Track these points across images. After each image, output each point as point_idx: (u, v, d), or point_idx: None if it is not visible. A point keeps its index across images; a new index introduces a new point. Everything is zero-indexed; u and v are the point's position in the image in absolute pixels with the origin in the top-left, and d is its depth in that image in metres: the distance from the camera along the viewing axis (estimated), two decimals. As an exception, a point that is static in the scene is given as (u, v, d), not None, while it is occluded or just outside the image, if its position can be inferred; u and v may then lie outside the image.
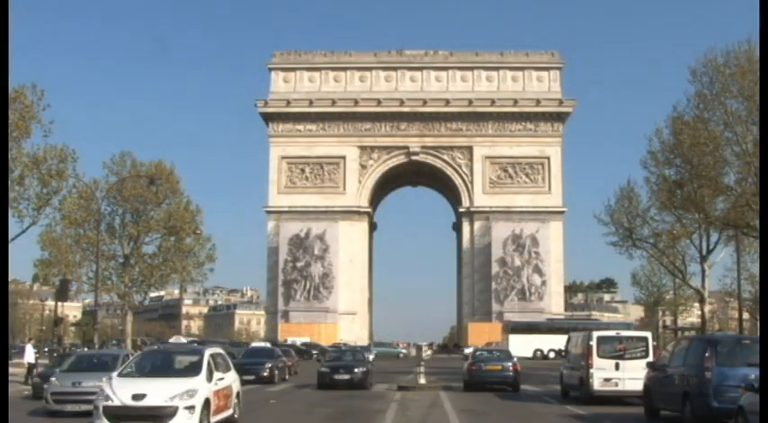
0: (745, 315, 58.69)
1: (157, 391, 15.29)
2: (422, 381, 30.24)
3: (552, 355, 62.49)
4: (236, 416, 17.91)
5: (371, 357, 52.22)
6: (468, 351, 43.44)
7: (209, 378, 16.15)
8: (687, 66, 36.26)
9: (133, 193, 48.30)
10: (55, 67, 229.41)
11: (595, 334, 24.63)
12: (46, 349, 49.39)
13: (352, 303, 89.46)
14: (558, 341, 54.53)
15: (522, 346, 58.88)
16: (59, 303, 51.51)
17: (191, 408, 15.12)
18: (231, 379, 17.71)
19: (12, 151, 30.39)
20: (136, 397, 15.16)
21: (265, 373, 33.31)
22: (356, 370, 30.52)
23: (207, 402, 15.66)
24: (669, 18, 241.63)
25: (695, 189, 36.54)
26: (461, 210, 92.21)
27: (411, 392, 28.42)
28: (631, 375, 22.94)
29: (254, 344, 59.07)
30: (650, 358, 23.09)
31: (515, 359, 31.21)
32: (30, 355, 33.69)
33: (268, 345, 54.32)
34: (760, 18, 26.05)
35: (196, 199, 54.18)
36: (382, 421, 19.95)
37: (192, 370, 16.34)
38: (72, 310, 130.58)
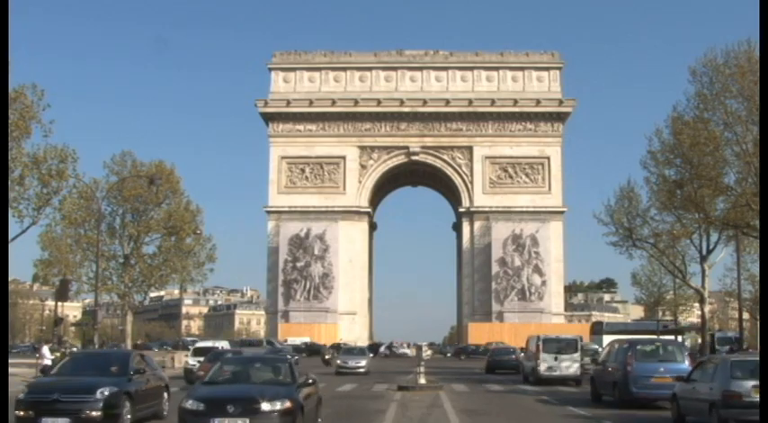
0: (745, 315, 58.66)
1: None
2: (422, 381, 30.21)
3: None
4: None
5: (363, 363, 43.03)
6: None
7: None
8: (687, 66, 36.23)
9: (133, 193, 48.27)
10: (55, 67, 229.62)
11: (542, 336, 34.51)
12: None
13: (352, 303, 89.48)
14: None
15: None
16: (59, 303, 51.49)
17: None
18: None
19: (12, 151, 30.34)
20: None
21: (93, 413, 16.16)
22: (265, 407, 14.33)
23: None
24: (669, 18, 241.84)
25: (695, 189, 36.46)
26: (461, 210, 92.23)
27: (411, 392, 28.40)
28: (565, 365, 33.06)
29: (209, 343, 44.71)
30: (578, 354, 33.65)
31: (518, 353, 44.34)
32: (47, 356, 33.93)
33: (221, 345, 41.62)
34: (760, 18, 26.08)
35: (196, 199, 54.27)
36: (382, 421, 19.94)
37: None
38: (72, 310, 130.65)
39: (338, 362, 43.79)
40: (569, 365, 33.10)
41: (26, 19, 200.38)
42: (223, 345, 45.36)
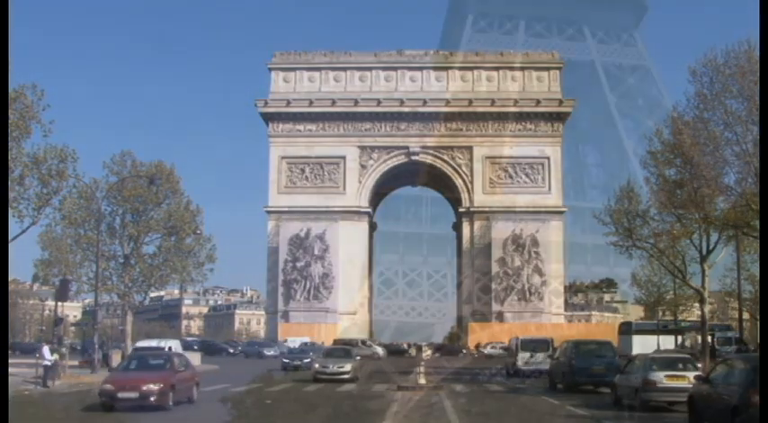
0: (745, 315, 58.68)
1: None
2: (422, 381, 30.21)
3: None
4: None
5: (348, 368, 35.45)
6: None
7: None
8: (687, 66, 36.20)
9: (133, 193, 48.22)
10: (55, 67, 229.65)
11: (520, 337, 42.03)
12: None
13: (352, 303, 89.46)
14: (672, 341, 62.10)
15: (643, 345, 59.83)
16: (59, 303, 51.47)
17: None
18: None
19: (12, 151, 30.34)
20: None
21: None
22: None
23: None
24: (668, 18, 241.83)
25: (695, 189, 36.43)
26: (461, 210, 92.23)
27: (411, 392, 28.39)
28: (539, 360, 38.95)
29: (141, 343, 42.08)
30: (549, 352, 38.59)
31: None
32: (48, 356, 33.92)
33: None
34: (760, 18, 26.04)
35: (196, 199, 54.15)
36: (382, 421, 19.93)
37: None
38: (72, 310, 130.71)
39: (315, 366, 36.50)
40: (542, 361, 38.72)
41: (27, 19, 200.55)
42: (172, 345, 39.99)
